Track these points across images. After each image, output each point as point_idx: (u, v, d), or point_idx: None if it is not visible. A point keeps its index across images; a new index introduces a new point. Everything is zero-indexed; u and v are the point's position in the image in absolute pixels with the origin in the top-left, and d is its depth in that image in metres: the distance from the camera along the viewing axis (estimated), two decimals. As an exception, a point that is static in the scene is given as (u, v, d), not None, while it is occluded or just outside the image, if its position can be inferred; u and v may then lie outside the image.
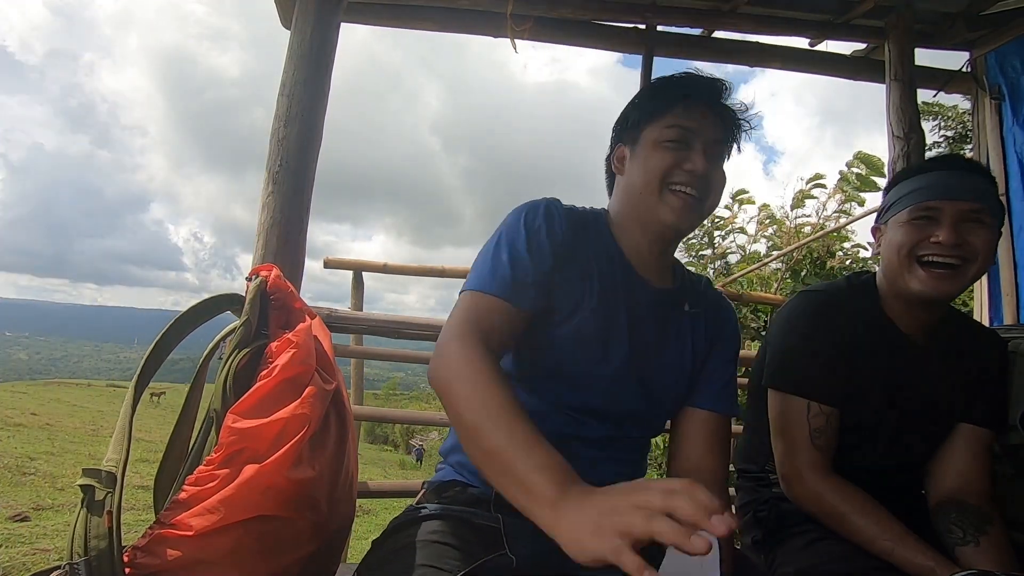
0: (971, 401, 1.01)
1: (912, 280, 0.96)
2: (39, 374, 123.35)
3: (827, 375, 0.99)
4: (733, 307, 1.01)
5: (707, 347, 0.94)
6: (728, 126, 0.88)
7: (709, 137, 0.85)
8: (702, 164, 0.83)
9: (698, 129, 0.85)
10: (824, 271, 5.41)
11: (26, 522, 3.55)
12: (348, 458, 0.96)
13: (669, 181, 0.84)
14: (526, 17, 2.05)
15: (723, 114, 0.88)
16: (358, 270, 3.02)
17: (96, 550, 0.66)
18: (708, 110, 0.86)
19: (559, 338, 0.83)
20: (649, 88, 0.91)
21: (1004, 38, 2.17)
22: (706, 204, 0.86)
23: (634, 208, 0.89)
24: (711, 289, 1.00)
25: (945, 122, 8.00)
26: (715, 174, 0.86)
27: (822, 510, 0.95)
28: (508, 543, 0.78)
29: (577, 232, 0.86)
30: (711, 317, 0.95)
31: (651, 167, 0.84)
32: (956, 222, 0.93)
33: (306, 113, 1.53)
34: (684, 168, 0.83)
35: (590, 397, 0.85)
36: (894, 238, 0.99)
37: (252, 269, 1.07)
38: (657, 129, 0.86)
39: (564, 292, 0.84)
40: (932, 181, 0.96)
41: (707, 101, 0.87)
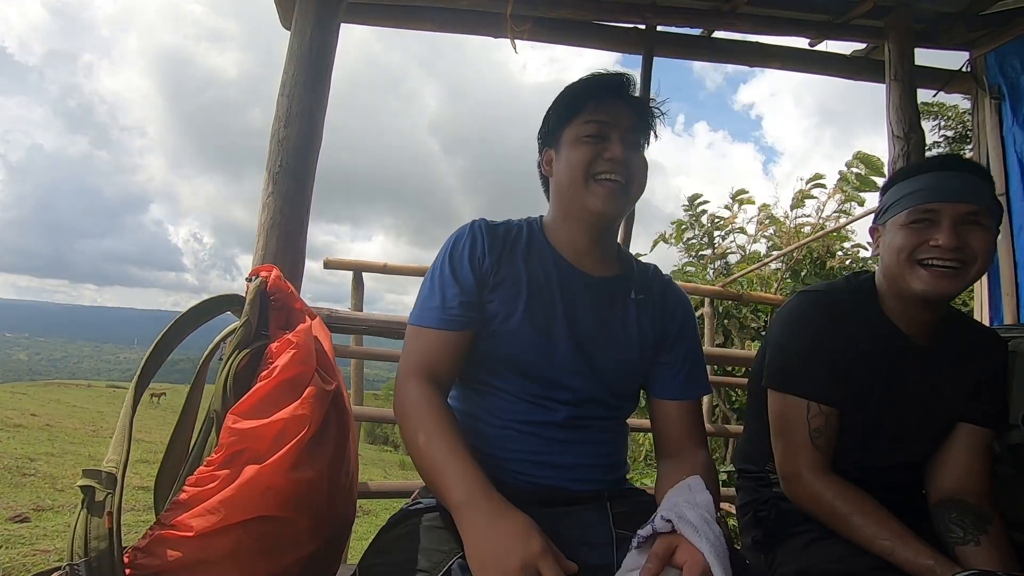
0: (971, 401, 1.01)
1: (914, 280, 0.96)
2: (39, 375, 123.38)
3: (826, 375, 0.99)
4: (683, 292, 1.06)
5: (658, 331, 0.98)
6: (639, 115, 0.95)
7: (623, 126, 0.92)
8: (620, 151, 0.90)
9: (612, 121, 0.92)
10: (824, 271, 5.41)
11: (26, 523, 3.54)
12: (348, 458, 0.96)
13: (593, 172, 0.91)
14: (526, 17, 2.05)
15: (633, 105, 0.95)
16: (358, 271, 3.02)
17: (96, 551, 0.66)
18: (618, 103, 0.93)
19: (504, 335, 0.90)
20: (562, 93, 0.97)
21: (1004, 38, 2.17)
22: (631, 189, 0.92)
23: (565, 203, 0.96)
24: (660, 276, 1.05)
25: (945, 122, 8.00)
26: (635, 159, 0.93)
27: (822, 510, 0.95)
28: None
29: (504, 244, 0.95)
30: (659, 303, 1.00)
31: (574, 161, 0.91)
32: (955, 224, 0.92)
33: (306, 113, 1.53)
34: (605, 157, 0.90)
35: (544, 384, 0.91)
36: (893, 241, 0.98)
37: (252, 270, 1.07)
38: (575, 127, 0.93)
39: (499, 298, 0.91)
40: (929, 183, 0.95)
41: (616, 95, 0.94)
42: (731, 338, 5.29)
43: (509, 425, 0.90)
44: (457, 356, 0.90)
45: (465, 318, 0.90)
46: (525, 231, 0.98)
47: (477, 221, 0.97)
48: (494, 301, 0.91)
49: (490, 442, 0.90)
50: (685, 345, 1.00)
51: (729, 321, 5.29)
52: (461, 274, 0.91)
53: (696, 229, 6.66)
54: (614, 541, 0.82)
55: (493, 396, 0.92)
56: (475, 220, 0.97)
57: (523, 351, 0.90)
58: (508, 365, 0.91)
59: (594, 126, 0.92)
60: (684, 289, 1.07)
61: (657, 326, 0.98)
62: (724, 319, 5.27)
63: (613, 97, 0.93)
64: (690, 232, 6.71)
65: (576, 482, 0.89)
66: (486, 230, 0.95)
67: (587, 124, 0.92)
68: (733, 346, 5.15)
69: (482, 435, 0.91)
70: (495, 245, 0.94)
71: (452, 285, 0.91)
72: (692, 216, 6.69)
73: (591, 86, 0.94)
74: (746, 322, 5.35)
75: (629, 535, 0.80)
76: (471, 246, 0.93)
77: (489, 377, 0.93)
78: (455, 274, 0.91)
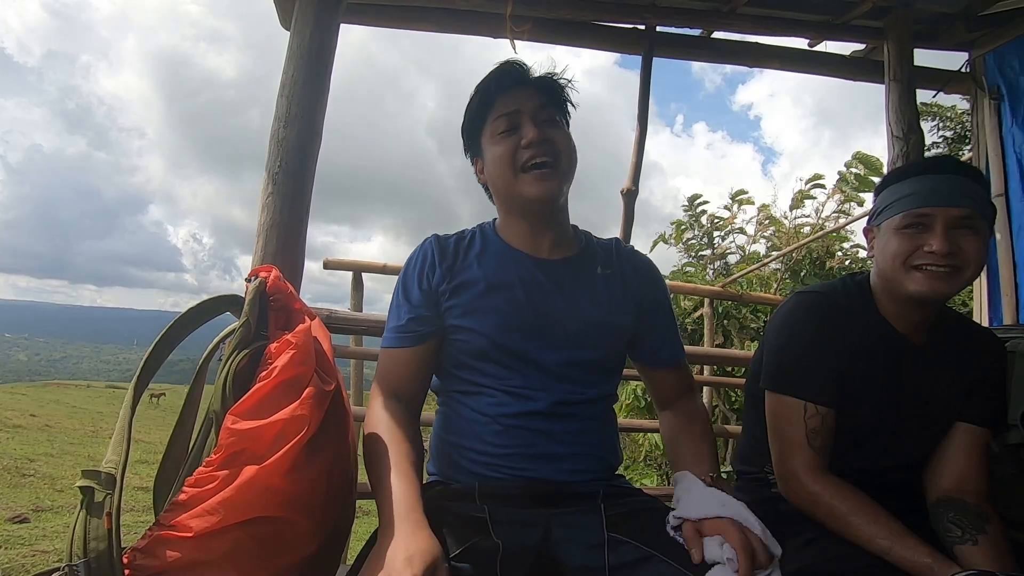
0: (968, 400, 1.01)
1: (908, 283, 0.96)
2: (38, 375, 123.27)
3: (823, 376, 0.99)
4: (648, 259, 1.09)
5: (634, 301, 1.01)
6: (546, 93, 0.96)
7: (532, 106, 0.94)
8: (534, 133, 0.91)
9: (519, 108, 0.94)
10: (823, 271, 5.42)
11: (25, 524, 3.54)
12: (348, 459, 0.96)
13: (519, 163, 0.92)
14: (525, 18, 2.05)
15: (536, 86, 0.96)
16: (358, 271, 3.02)
17: (95, 551, 0.66)
18: (520, 89, 0.95)
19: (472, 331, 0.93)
20: (468, 103, 1.01)
21: (1003, 38, 2.18)
22: (561, 164, 0.94)
23: (505, 200, 0.99)
24: (624, 248, 1.07)
25: (944, 122, 8.01)
26: (555, 134, 0.94)
27: (819, 510, 0.95)
28: (494, 530, 0.81)
29: (456, 252, 0.98)
30: (629, 272, 1.03)
31: (497, 157, 0.94)
32: (947, 229, 0.93)
33: (306, 114, 1.53)
34: (523, 145, 0.92)
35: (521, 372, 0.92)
36: (888, 246, 0.98)
37: (252, 270, 1.07)
38: (488, 129, 0.97)
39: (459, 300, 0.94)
40: (924, 186, 0.95)
41: (515, 83, 0.96)
42: (731, 338, 5.30)
43: (496, 421, 0.91)
44: (416, 370, 0.96)
45: (416, 333, 0.95)
46: (478, 235, 1.02)
47: (428, 239, 1.01)
48: (455, 305, 0.94)
49: (481, 440, 0.91)
50: (664, 311, 1.05)
51: (729, 321, 5.30)
52: (411, 293, 0.96)
53: (696, 229, 6.67)
54: (606, 543, 0.82)
55: (476, 395, 0.94)
56: (427, 238, 1.02)
57: (493, 342, 0.92)
58: (482, 359, 0.93)
59: (504, 120, 0.94)
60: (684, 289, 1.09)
61: (630, 296, 1.01)
62: (724, 319, 5.27)
63: (513, 86, 0.96)
64: (690, 232, 6.72)
65: (569, 472, 0.90)
66: (435, 245, 0.99)
67: (497, 120, 0.95)
68: (733, 346, 5.15)
69: (473, 435, 0.92)
70: (444, 256, 0.98)
71: (403, 304, 0.97)
72: (692, 216, 6.70)
73: (489, 85, 0.97)
74: (746, 322, 5.35)
75: (621, 539, 0.81)
76: (420, 264, 0.98)
77: (469, 376, 0.95)
78: (406, 294, 0.97)
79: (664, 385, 1.07)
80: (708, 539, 0.75)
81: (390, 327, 0.98)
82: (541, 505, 0.86)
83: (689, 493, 0.83)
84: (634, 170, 2.24)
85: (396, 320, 0.97)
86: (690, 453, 0.95)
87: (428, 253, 0.98)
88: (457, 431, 0.95)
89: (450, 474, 0.95)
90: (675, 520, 0.80)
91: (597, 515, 0.86)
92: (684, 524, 0.79)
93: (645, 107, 2.27)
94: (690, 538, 0.77)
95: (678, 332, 1.08)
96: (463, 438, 0.94)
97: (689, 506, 0.80)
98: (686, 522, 0.79)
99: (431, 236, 1.02)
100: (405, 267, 1.00)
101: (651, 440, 5.33)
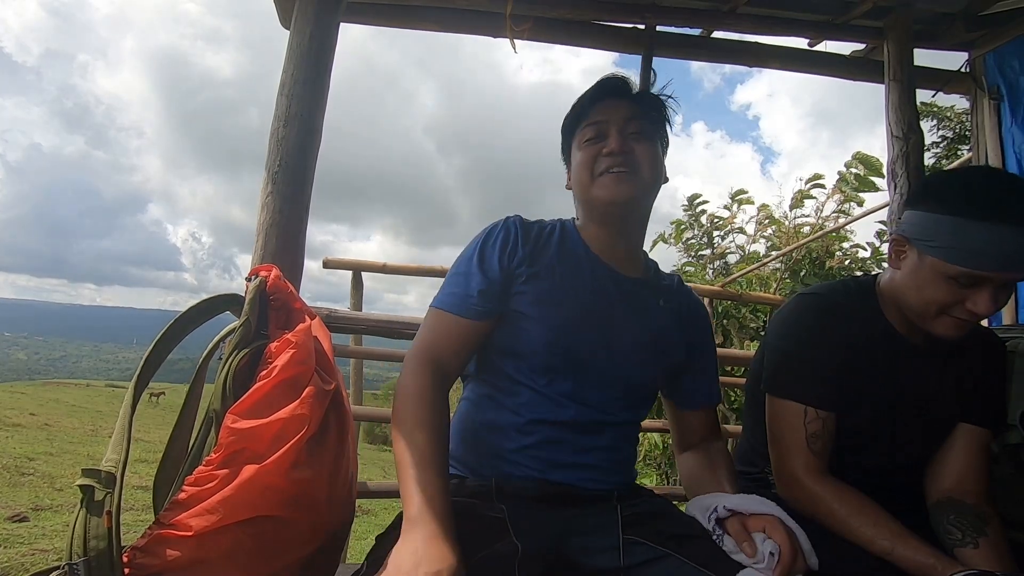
0: (969, 401, 1.01)
1: (936, 327, 0.93)
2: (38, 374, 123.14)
3: (824, 380, 0.99)
4: (700, 300, 1.12)
5: (684, 341, 1.01)
6: (640, 106, 0.97)
7: (621, 119, 0.95)
8: (617, 143, 0.92)
9: (608, 119, 0.95)
10: (823, 271, 5.42)
11: (25, 522, 3.54)
12: (347, 458, 0.96)
13: (596, 171, 0.94)
14: (525, 17, 2.05)
15: (630, 99, 0.98)
16: (357, 270, 3.02)
17: (95, 550, 0.66)
18: (613, 101, 0.97)
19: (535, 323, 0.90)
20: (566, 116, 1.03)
21: (1003, 38, 2.18)
22: (640, 176, 0.93)
23: (584, 205, 0.99)
24: (683, 286, 1.08)
25: (944, 122, 8.01)
26: (639, 148, 0.94)
27: (820, 513, 0.95)
28: (513, 531, 0.80)
29: (537, 241, 0.96)
30: (685, 314, 1.03)
31: (579, 163, 0.96)
32: (996, 292, 0.87)
33: (305, 113, 1.52)
34: (603, 153, 0.93)
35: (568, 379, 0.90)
36: (926, 288, 0.91)
37: (252, 269, 1.07)
38: (578, 137, 0.99)
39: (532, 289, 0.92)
40: (995, 247, 0.83)
41: (610, 95, 0.98)
42: (730, 338, 5.30)
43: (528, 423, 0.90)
44: (467, 345, 0.91)
45: (483, 309, 0.90)
46: (558, 228, 1.01)
47: (512, 217, 0.99)
48: (527, 292, 0.92)
49: (508, 438, 0.90)
50: (709, 355, 1.06)
51: (728, 321, 5.30)
52: (488, 265, 0.92)
53: (695, 229, 6.67)
54: (621, 545, 0.82)
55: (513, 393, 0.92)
56: (510, 216, 0.99)
57: (554, 338, 0.89)
58: (534, 354, 0.90)
59: (592, 128, 0.96)
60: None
61: (682, 336, 1.00)
62: (723, 319, 5.27)
63: (608, 97, 0.97)
64: (689, 232, 6.72)
65: (587, 481, 0.89)
66: (520, 225, 0.97)
67: (586, 128, 0.96)
68: (732, 346, 5.15)
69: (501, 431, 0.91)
70: (528, 238, 0.95)
71: (478, 275, 0.91)
72: (691, 216, 6.70)
73: (587, 96, 0.99)
74: (745, 322, 5.35)
75: (636, 540, 0.81)
76: (503, 240, 0.94)
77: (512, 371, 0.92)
78: (482, 265, 0.92)
79: (692, 427, 1.05)
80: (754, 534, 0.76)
81: (454, 291, 0.91)
82: (558, 506, 0.86)
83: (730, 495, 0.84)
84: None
85: (464, 287, 0.91)
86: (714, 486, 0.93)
87: (513, 230, 0.96)
88: (486, 423, 0.93)
89: (469, 460, 0.94)
90: (724, 512, 0.80)
91: (613, 516, 0.86)
92: (731, 519, 0.80)
93: (645, 107, 2.27)
94: (737, 532, 0.78)
95: (718, 377, 1.07)
96: (491, 432, 0.92)
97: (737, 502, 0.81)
98: (734, 516, 0.80)
99: (514, 216, 0.99)
100: (484, 237, 0.95)
101: (651, 440, 5.33)
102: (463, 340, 0.90)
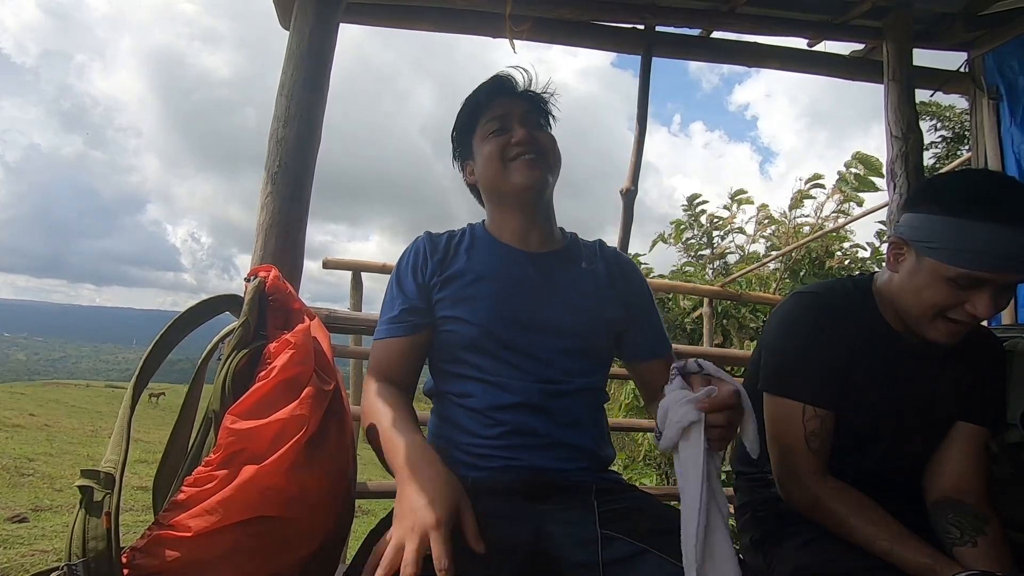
0: (968, 400, 1.01)
1: (931, 330, 0.93)
2: (37, 375, 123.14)
3: (822, 379, 0.99)
4: (631, 259, 1.17)
5: (619, 296, 1.05)
6: (531, 103, 1.07)
7: (519, 113, 1.04)
8: (523, 133, 1.01)
9: (508, 112, 1.04)
10: (823, 271, 5.42)
11: (24, 523, 3.54)
12: (347, 459, 0.96)
13: (507, 157, 1.01)
14: (525, 18, 2.05)
15: (523, 97, 1.07)
16: (357, 270, 3.03)
17: (94, 551, 0.66)
18: (508, 98, 1.06)
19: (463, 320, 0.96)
20: (459, 112, 1.10)
21: (1002, 38, 2.18)
22: (547, 161, 1.02)
23: (494, 193, 1.06)
24: (607, 248, 1.14)
25: (943, 122, 8.02)
26: (541, 135, 1.03)
27: (819, 513, 0.95)
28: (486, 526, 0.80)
29: (447, 247, 1.04)
30: (614, 272, 1.08)
31: (488, 153, 1.02)
32: (996, 294, 0.86)
33: (305, 113, 1.52)
34: (512, 142, 1.01)
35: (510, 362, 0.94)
36: (925, 290, 0.90)
37: (251, 270, 1.07)
38: (480, 131, 1.06)
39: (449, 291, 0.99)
40: (995, 247, 0.83)
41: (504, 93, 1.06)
42: (730, 338, 5.30)
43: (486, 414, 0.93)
44: (408, 359, 0.99)
45: (409, 323, 0.98)
46: (468, 232, 1.08)
47: (420, 236, 1.07)
48: (445, 297, 0.99)
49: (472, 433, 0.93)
50: (648, 307, 1.10)
51: (728, 321, 5.30)
52: (404, 285, 1.01)
53: (695, 229, 6.67)
54: (599, 539, 0.82)
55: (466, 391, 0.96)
56: (419, 236, 1.07)
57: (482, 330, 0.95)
58: (471, 349, 0.96)
59: (495, 122, 1.03)
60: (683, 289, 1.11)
61: (616, 291, 1.05)
62: (723, 319, 5.28)
63: (503, 95, 1.06)
64: (689, 232, 6.72)
65: (559, 460, 0.91)
66: (427, 241, 1.05)
67: (489, 123, 1.04)
68: (732, 346, 5.15)
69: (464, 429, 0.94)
70: (435, 250, 1.03)
71: (397, 296, 1.01)
72: (691, 216, 6.70)
73: (480, 94, 1.07)
74: (745, 322, 5.35)
75: (614, 535, 0.81)
76: (413, 259, 1.03)
77: (459, 370, 0.98)
78: (399, 286, 1.02)
79: (647, 379, 1.09)
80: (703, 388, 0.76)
81: (384, 319, 1.01)
82: (534, 500, 0.87)
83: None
84: (633, 170, 2.24)
85: (389, 311, 1.00)
86: None
87: (420, 248, 1.04)
88: (450, 428, 0.97)
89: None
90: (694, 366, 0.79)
91: (590, 511, 0.86)
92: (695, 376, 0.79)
93: (644, 107, 2.27)
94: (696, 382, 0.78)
95: (663, 328, 1.11)
96: (455, 433, 0.95)
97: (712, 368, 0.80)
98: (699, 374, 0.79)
99: (423, 233, 1.07)
100: (398, 263, 1.05)
101: (650, 440, 5.33)
102: (404, 355, 0.99)
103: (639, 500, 0.92)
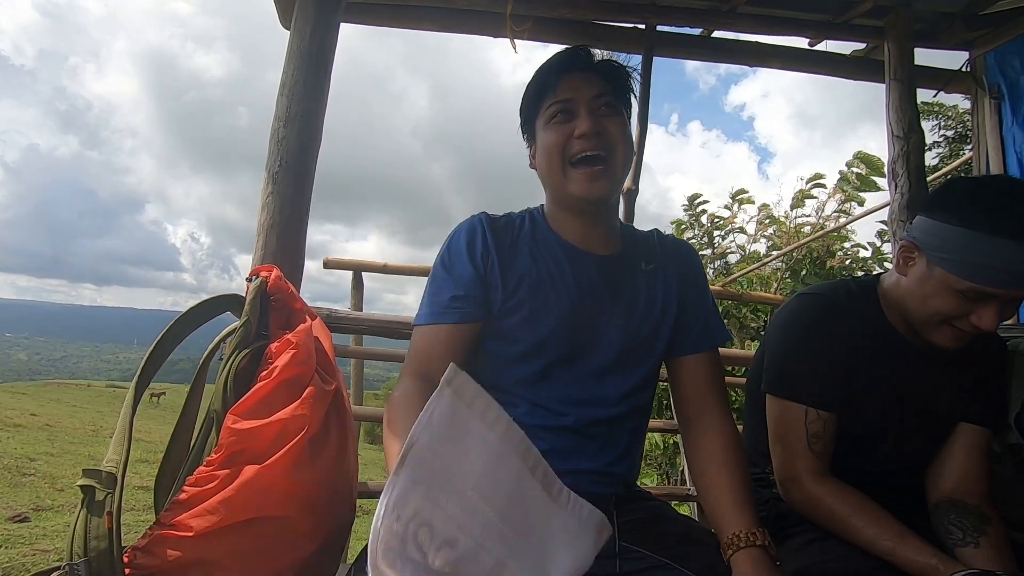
0: (970, 400, 1.01)
1: (935, 335, 0.94)
2: (39, 375, 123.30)
3: (825, 381, 0.98)
4: (687, 244, 1.05)
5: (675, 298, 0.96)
6: (606, 79, 0.91)
7: (588, 96, 0.89)
8: (588, 124, 0.87)
9: (575, 96, 0.89)
10: (824, 271, 5.41)
11: (26, 523, 3.54)
12: (348, 458, 0.96)
13: (569, 156, 0.89)
14: (526, 17, 2.05)
15: (596, 70, 0.92)
16: (357, 270, 3.02)
17: (96, 551, 0.66)
18: (578, 75, 0.91)
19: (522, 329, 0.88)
20: (527, 86, 0.96)
21: (1003, 38, 2.17)
22: (613, 160, 0.89)
23: (554, 192, 0.95)
24: (665, 238, 1.03)
25: (945, 122, 8.01)
26: (610, 126, 0.89)
27: (821, 514, 0.95)
28: None
29: (507, 237, 0.94)
30: (672, 264, 0.98)
31: (547, 147, 0.90)
32: (1002, 308, 0.87)
33: (306, 113, 1.52)
34: (575, 136, 0.88)
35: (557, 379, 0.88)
36: (933, 298, 0.90)
37: (252, 270, 1.07)
38: (543, 115, 0.92)
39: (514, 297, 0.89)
40: (1008, 264, 0.82)
41: (574, 69, 0.91)
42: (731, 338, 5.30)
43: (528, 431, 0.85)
44: (453, 350, 0.88)
45: (458, 311, 0.88)
46: (528, 222, 0.97)
47: (478, 215, 0.96)
48: (505, 300, 0.90)
49: None
50: (703, 301, 0.99)
51: (729, 321, 5.30)
52: (456, 268, 0.91)
53: (696, 229, 6.67)
54: (618, 553, 0.81)
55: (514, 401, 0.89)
56: (475, 215, 0.96)
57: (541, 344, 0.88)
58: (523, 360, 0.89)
59: (558, 106, 0.90)
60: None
61: (672, 293, 0.96)
62: (724, 319, 5.27)
63: (572, 71, 0.91)
64: (690, 232, 6.71)
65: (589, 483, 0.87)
66: (487, 224, 0.93)
67: (552, 106, 0.90)
68: (733, 346, 5.15)
69: None
70: (497, 237, 0.92)
71: (446, 280, 0.90)
72: (692, 216, 6.69)
73: (548, 69, 0.92)
74: (746, 322, 5.35)
75: (633, 549, 0.80)
76: (469, 239, 0.92)
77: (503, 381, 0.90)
78: (449, 269, 0.91)
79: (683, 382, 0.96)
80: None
81: (427, 303, 0.91)
82: None
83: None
84: (634, 169, 2.24)
85: (435, 295, 0.90)
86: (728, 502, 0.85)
87: (478, 230, 0.92)
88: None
89: None
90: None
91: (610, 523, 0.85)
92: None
93: (645, 107, 2.27)
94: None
95: (717, 318, 1.00)
96: None
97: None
98: None
99: (480, 213, 0.96)
100: (449, 242, 0.93)
101: (651, 440, 5.33)
102: (448, 346, 0.88)
103: (658, 510, 0.89)
